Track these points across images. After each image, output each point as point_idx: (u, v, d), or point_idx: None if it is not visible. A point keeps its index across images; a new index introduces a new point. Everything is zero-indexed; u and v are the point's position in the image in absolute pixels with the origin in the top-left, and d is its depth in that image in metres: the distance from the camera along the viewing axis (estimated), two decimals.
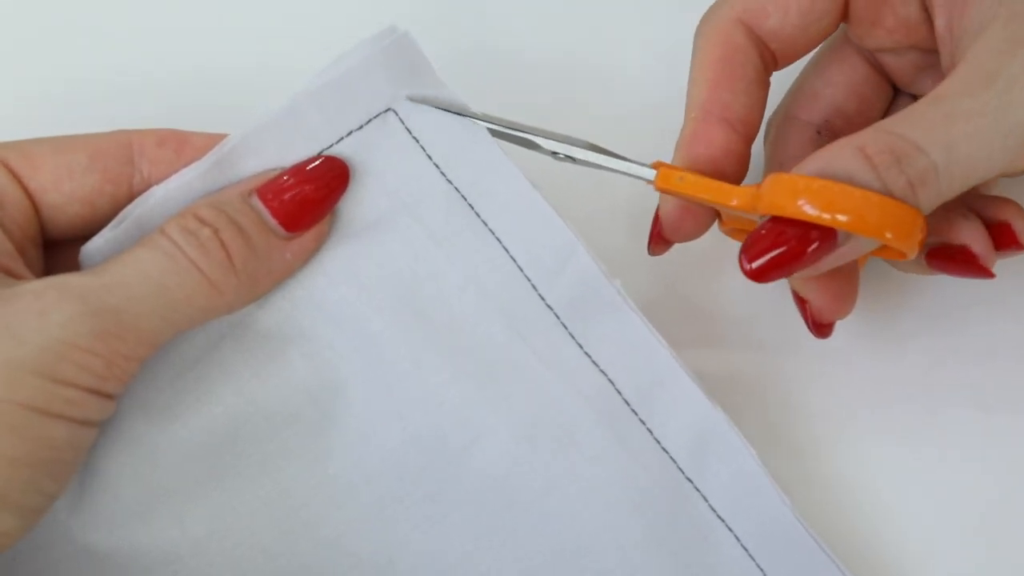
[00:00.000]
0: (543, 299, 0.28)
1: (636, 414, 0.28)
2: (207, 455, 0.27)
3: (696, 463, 0.28)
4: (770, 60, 0.30)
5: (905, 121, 0.25)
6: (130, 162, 0.28)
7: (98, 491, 0.27)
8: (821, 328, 0.31)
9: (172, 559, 0.27)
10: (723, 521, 0.28)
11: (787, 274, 0.25)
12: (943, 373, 0.33)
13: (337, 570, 0.28)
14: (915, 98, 0.30)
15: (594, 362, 0.28)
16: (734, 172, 0.29)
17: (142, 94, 0.35)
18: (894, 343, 0.33)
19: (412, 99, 0.28)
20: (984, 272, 0.29)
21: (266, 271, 0.27)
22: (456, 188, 0.28)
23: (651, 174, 0.28)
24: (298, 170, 0.28)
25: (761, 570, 0.28)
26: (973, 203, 0.30)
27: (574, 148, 0.28)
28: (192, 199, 0.27)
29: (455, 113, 0.28)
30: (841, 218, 0.24)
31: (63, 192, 0.27)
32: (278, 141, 0.28)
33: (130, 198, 0.28)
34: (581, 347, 0.28)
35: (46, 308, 0.24)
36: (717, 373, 0.31)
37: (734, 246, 0.27)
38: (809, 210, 0.24)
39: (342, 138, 0.28)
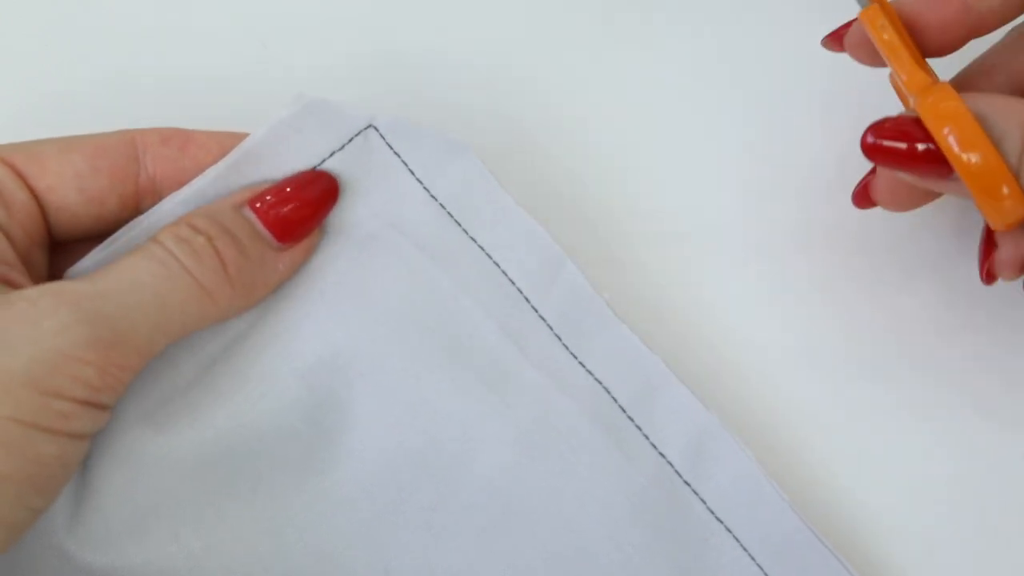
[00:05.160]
0: (536, 310, 0.29)
1: (632, 420, 0.28)
2: (199, 475, 0.27)
3: (694, 467, 0.28)
4: None
5: None
6: (135, 160, 0.28)
7: (90, 510, 0.26)
8: (859, 198, 0.31)
9: (169, 574, 0.27)
10: (722, 523, 0.28)
11: (891, 167, 0.26)
12: (935, 365, 0.33)
13: None
14: None
15: (589, 371, 0.29)
16: (933, 47, 0.28)
17: (147, 96, 0.35)
18: (880, 338, 0.33)
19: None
20: (984, 275, 0.30)
21: (261, 280, 0.27)
22: (442, 205, 0.29)
23: (865, 1, 0.28)
24: (289, 182, 0.28)
25: (763, 571, 0.28)
26: None
27: None
28: None
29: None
30: (964, 158, 0.24)
31: (70, 191, 0.27)
32: (257, 170, 0.28)
33: (136, 196, 0.28)
34: (575, 357, 0.29)
35: (40, 316, 0.23)
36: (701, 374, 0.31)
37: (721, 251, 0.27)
38: (946, 141, 0.25)
39: (324, 159, 0.28)
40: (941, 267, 0.34)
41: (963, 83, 0.30)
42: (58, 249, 0.28)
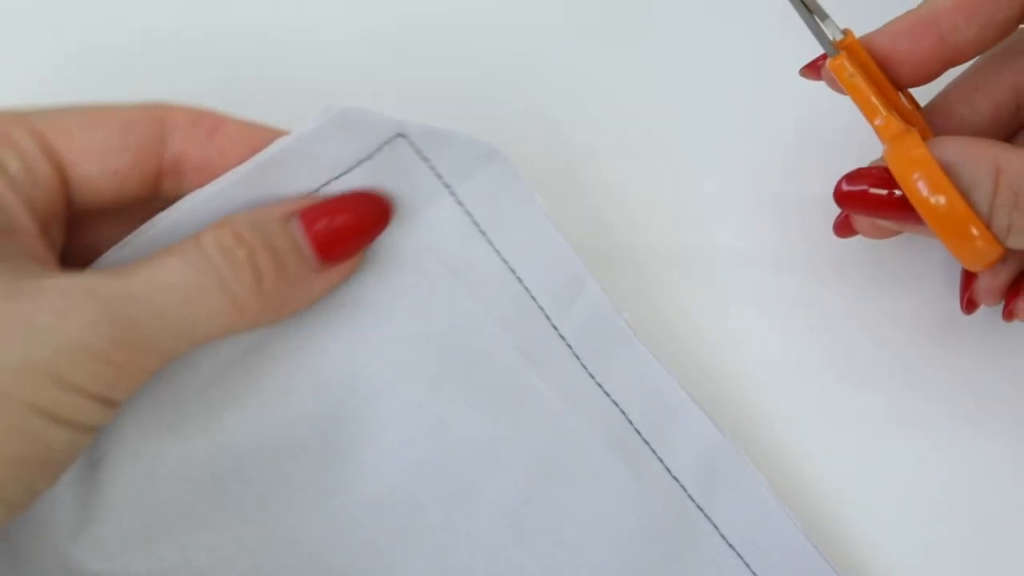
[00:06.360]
0: (556, 329, 0.28)
1: (647, 443, 0.28)
2: (209, 484, 0.27)
3: (706, 491, 0.28)
4: None
5: None
6: (162, 139, 0.27)
7: (98, 518, 0.26)
8: (841, 228, 0.32)
9: None
10: (733, 548, 0.28)
11: (865, 214, 0.26)
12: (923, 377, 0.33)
13: None
14: None
15: (606, 392, 0.28)
16: (909, 80, 0.28)
17: (171, 58, 0.34)
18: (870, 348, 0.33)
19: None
20: (964, 304, 0.31)
21: (293, 300, 0.26)
22: (469, 214, 0.28)
23: (832, 51, 0.27)
24: (343, 200, 0.27)
25: None
26: None
27: None
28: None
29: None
30: (932, 202, 0.25)
31: (94, 165, 0.26)
32: (283, 176, 0.27)
33: (157, 174, 0.27)
34: (593, 377, 0.28)
35: (68, 309, 0.23)
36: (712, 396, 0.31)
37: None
38: (915, 188, 0.25)
39: (351, 168, 0.27)
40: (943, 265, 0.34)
41: (943, 108, 0.30)
42: (74, 220, 0.27)
